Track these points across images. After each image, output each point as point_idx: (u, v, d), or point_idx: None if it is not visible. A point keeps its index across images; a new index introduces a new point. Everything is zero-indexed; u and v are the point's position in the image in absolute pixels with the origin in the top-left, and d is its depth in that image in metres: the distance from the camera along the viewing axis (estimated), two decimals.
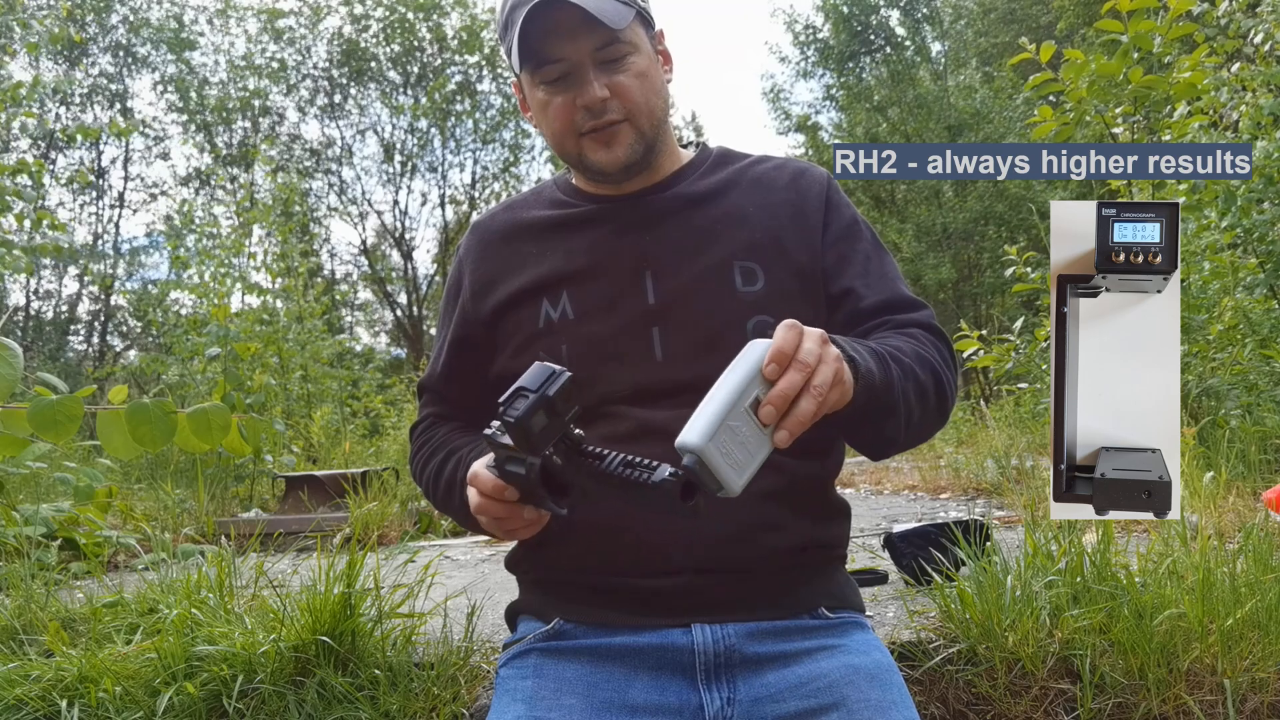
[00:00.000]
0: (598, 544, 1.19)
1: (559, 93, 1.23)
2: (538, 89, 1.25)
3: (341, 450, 5.92)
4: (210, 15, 21.25)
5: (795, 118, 21.90)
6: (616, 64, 1.22)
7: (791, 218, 1.29)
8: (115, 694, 1.51)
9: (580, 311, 1.26)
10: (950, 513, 3.54)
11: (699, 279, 1.24)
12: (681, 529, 1.15)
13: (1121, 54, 3.73)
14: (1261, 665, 1.55)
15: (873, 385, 1.05)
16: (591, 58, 1.21)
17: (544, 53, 1.21)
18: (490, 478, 1.06)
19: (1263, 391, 3.71)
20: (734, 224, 1.28)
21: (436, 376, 1.40)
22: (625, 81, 1.22)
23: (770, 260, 1.25)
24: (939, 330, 1.26)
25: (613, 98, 1.22)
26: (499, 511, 1.08)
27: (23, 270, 4.19)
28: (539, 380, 0.94)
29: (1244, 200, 3.98)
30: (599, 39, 1.20)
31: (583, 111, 1.22)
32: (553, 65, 1.22)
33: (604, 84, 1.21)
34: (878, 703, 1.09)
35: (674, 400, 1.17)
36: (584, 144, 1.25)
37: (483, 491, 1.07)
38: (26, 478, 3.36)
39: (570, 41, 1.20)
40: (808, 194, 1.31)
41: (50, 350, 19.23)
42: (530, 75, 1.25)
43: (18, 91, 4.78)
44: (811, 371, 0.94)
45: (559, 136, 1.26)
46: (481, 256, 1.36)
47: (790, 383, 0.93)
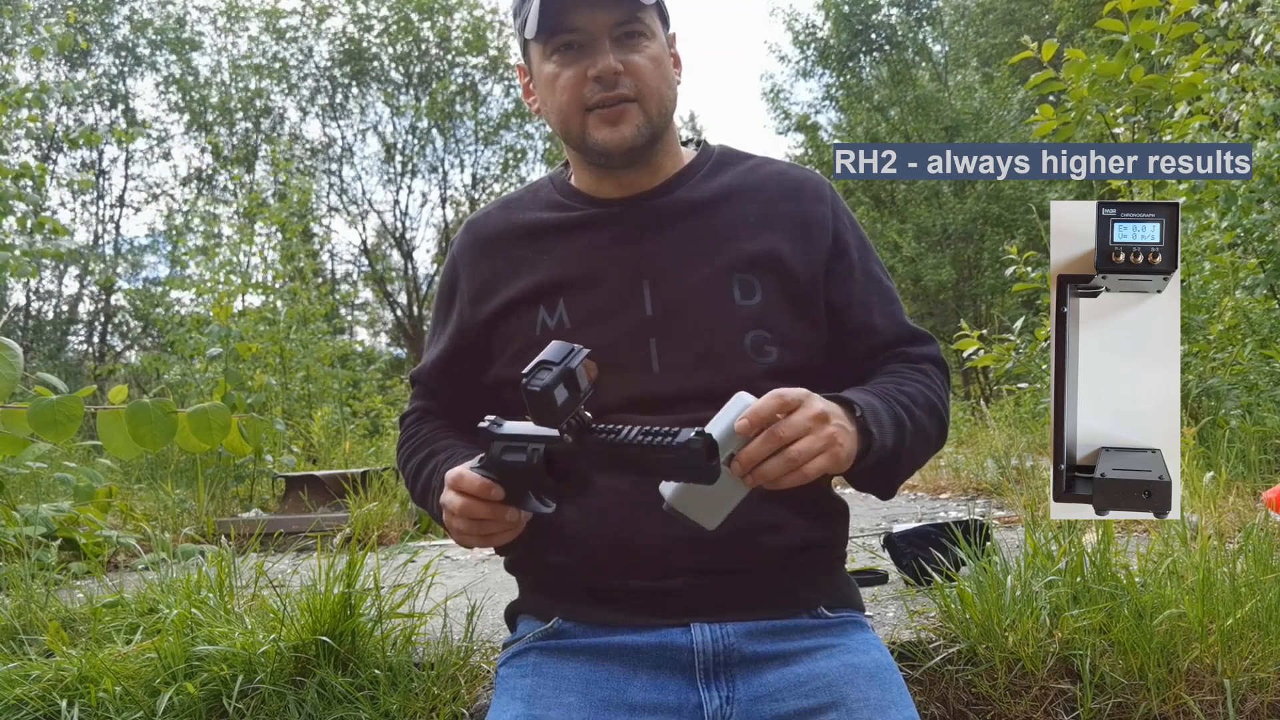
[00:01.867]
0: (597, 546, 1.18)
1: (570, 64, 1.22)
2: (548, 61, 1.23)
3: (341, 450, 5.92)
4: (214, 15, 21.26)
5: (795, 117, 21.90)
6: (633, 43, 1.22)
7: (792, 231, 1.28)
8: (115, 694, 1.51)
9: (577, 320, 1.25)
10: (950, 513, 3.54)
11: (697, 290, 1.24)
12: (680, 530, 1.15)
13: (1122, 54, 3.73)
14: (1261, 665, 1.55)
15: (883, 457, 1.11)
16: (609, 32, 1.20)
17: (562, 21, 1.20)
18: (476, 477, 1.06)
19: (1263, 391, 3.71)
20: (733, 235, 1.27)
21: (429, 372, 1.38)
22: (639, 61, 1.22)
23: (768, 274, 1.25)
24: (943, 363, 1.31)
25: (625, 74, 1.21)
26: (482, 512, 1.07)
27: (27, 274, 4.20)
28: (561, 354, 0.97)
29: (1244, 200, 3.98)
30: (620, 14, 1.20)
31: (593, 84, 1.21)
32: (568, 34, 1.21)
33: (618, 58, 1.20)
34: (877, 702, 1.09)
35: (670, 412, 1.17)
36: (589, 121, 1.23)
37: (467, 492, 1.07)
38: (26, 478, 3.36)
39: (590, 12, 1.19)
40: (812, 209, 1.30)
41: (50, 351, 19.23)
42: (543, 45, 1.23)
43: (23, 95, 4.78)
44: (786, 442, 0.98)
45: (564, 111, 1.24)
46: (477, 258, 1.35)
47: (758, 448, 0.98)
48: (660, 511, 1.15)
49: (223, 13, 21.00)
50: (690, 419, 0.96)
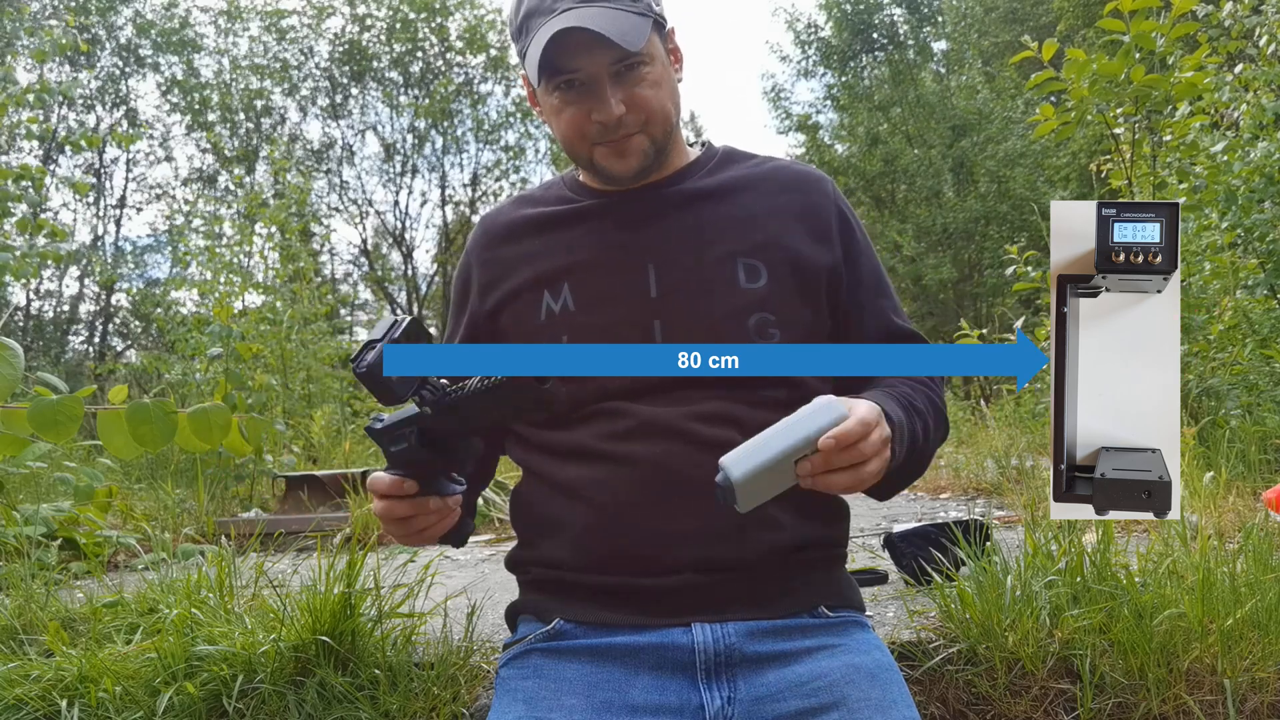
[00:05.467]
0: (597, 543, 1.19)
1: (573, 103, 1.23)
2: (552, 95, 1.25)
3: (342, 450, 5.91)
4: (214, 16, 21.26)
5: (795, 117, 21.89)
6: (633, 75, 1.22)
7: (798, 220, 1.30)
8: (115, 694, 1.51)
9: (581, 303, 1.26)
10: (950, 512, 3.53)
11: (702, 273, 1.25)
12: (681, 527, 1.15)
13: (1123, 53, 3.73)
14: (1261, 665, 1.54)
15: (898, 467, 1.13)
16: (608, 70, 1.21)
17: (560, 64, 1.21)
18: (385, 477, 1.08)
19: (1263, 391, 3.71)
20: (738, 222, 1.28)
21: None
22: (641, 93, 1.22)
23: (773, 259, 1.26)
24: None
25: (629, 112, 1.22)
26: (404, 510, 1.09)
27: (30, 275, 4.19)
28: (384, 329, 0.97)
29: (1244, 200, 3.98)
30: (616, 54, 1.20)
31: (597, 126, 1.23)
32: (569, 74, 1.21)
33: (620, 99, 1.21)
34: (878, 702, 1.09)
35: (674, 392, 1.18)
36: (596, 152, 1.26)
37: (382, 492, 1.09)
38: (26, 477, 3.36)
39: (588, 55, 1.20)
40: (819, 201, 1.32)
41: (53, 353, 19.22)
42: (545, 83, 1.25)
43: (24, 97, 4.78)
44: (864, 461, 1.01)
45: (570, 142, 1.27)
46: (489, 252, 1.37)
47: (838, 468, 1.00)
48: (661, 509, 1.16)
49: (224, 13, 21.01)
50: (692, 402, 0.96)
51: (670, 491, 1.16)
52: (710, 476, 1.01)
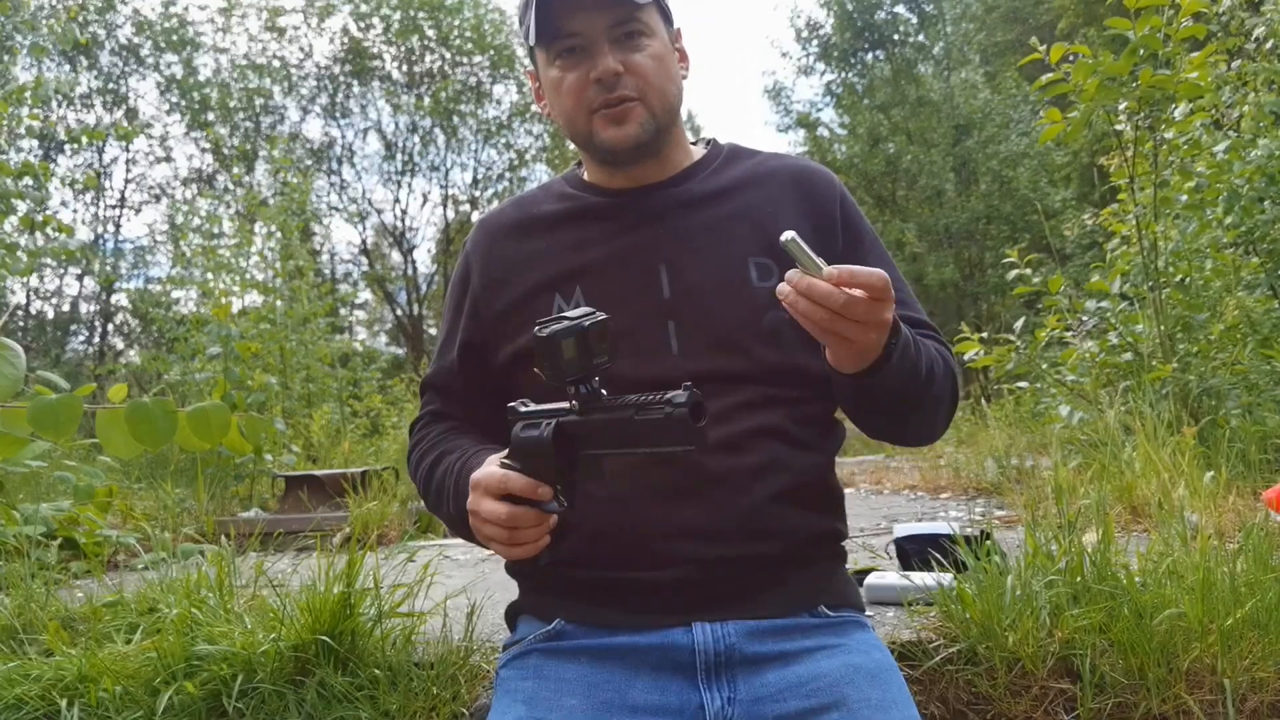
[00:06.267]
0: (597, 538, 1.18)
1: (572, 68, 1.24)
2: (552, 66, 1.26)
3: (341, 450, 5.91)
4: (211, 15, 21.28)
5: (796, 114, 21.91)
6: (632, 42, 1.23)
7: (806, 217, 1.29)
8: (115, 693, 1.51)
9: (593, 304, 1.26)
10: (950, 512, 3.54)
11: (714, 273, 1.25)
12: (680, 521, 1.15)
13: (1129, 53, 3.73)
14: (1261, 665, 1.54)
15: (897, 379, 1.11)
16: (607, 33, 1.22)
17: (560, 26, 1.22)
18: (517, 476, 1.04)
19: (1263, 391, 3.70)
20: (747, 221, 1.28)
21: (441, 373, 1.38)
22: (639, 60, 1.23)
23: (784, 256, 1.26)
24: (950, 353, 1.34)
25: (626, 74, 1.22)
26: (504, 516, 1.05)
27: (31, 271, 4.19)
28: (580, 313, 0.99)
29: (1246, 200, 3.98)
30: (616, 15, 1.21)
31: (595, 86, 1.23)
32: (568, 39, 1.23)
33: (618, 59, 1.22)
34: (878, 702, 1.09)
35: None
36: (595, 121, 1.25)
37: (489, 489, 1.05)
38: (26, 477, 3.36)
39: (586, 16, 1.21)
40: (824, 196, 1.33)
41: (54, 354, 19.22)
42: (545, 50, 1.26)
43: (23, 94, 4.78)
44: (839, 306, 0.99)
45: (570, 114, 1.27)
46: (490, 252, 1.35)
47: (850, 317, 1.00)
48: (660, 502, 1.16)
49: (222, 11, 21.02)
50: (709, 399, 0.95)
51: (673, 487, 1.16)
52: (711, 475, 1.01)
